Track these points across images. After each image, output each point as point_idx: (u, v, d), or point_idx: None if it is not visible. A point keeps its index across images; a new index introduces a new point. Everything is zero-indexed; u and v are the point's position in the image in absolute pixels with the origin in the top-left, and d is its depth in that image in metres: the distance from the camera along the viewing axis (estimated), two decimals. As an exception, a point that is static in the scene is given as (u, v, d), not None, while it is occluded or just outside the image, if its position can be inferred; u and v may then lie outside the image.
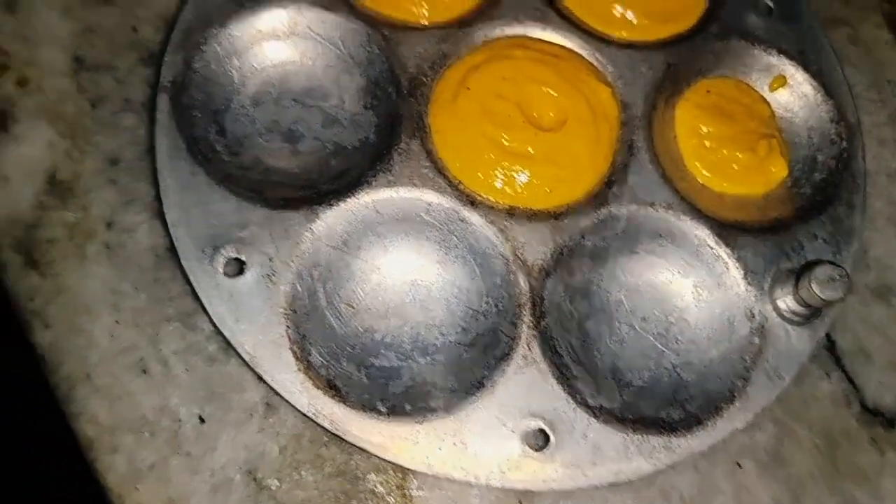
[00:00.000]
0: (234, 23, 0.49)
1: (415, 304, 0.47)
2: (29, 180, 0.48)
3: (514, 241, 0.47)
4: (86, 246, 0.47)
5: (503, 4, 0.52)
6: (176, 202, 0.45)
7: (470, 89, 0.48)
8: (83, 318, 0.46)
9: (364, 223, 0.47)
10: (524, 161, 0.48)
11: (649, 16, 0.52)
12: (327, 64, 0.51)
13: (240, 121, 0.49)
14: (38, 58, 0.51)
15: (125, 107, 0.50)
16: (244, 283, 0.44)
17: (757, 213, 0.51)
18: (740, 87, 0.53)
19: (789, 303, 0.47)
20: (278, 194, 0.47)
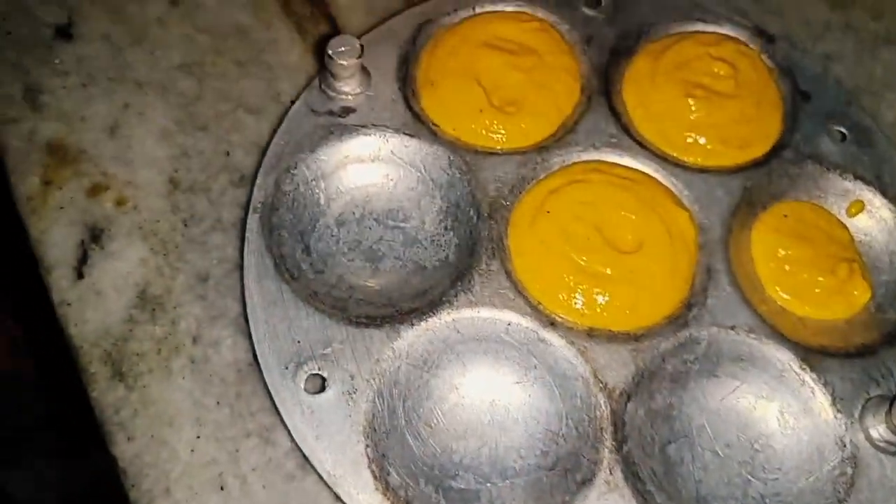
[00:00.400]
0: (322, 148, 0.51)
1: (493, 426, 0.47)
2: (121, 295, 0.50)
3: (593, 362, 0.46)
4: (172, 360, 0.48)
5: (578, 131, 0.53)
6: (262, 318, 0.47)
7: (549, 212, 0.50)
8: (166, 432, 0.47)
9: (444, 342, 0.47)
10: (603, 282, 0.48)
11: (723, 142, 0.53)
12: (409, 186, 0.53)
13: (324, 240, 0.51)
14: (136, 179, 0.53)
15: (216, 226, 0.52)
16: (325, 400, 0.45)
17: (841, 337, 0.50)
18: (817, 210, 0.53)
19: (882, 431, 0.45)
20: (361, 312, 0.48)
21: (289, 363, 0.46)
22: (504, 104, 0.53)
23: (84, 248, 0.51)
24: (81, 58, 0.58)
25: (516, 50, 0.55)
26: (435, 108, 0.53)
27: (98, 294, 0.50)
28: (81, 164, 0.54)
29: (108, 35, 0.59)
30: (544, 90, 0.54)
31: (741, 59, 0.56)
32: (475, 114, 0.53)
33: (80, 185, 0.53)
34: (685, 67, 0.55)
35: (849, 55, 0.60)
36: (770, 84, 0.56)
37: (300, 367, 0.45)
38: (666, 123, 0.54)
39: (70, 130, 0.55)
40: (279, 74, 0.57)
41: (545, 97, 0.54)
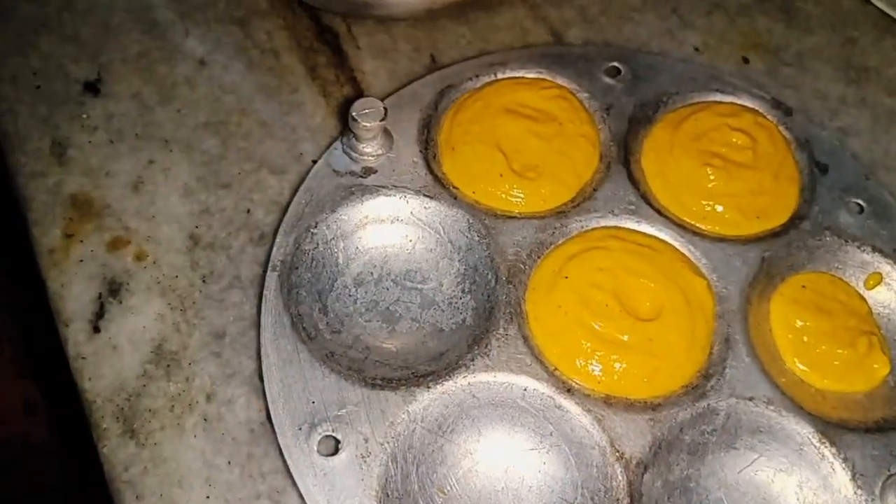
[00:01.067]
0: (343, 208, 0.52)
1: (507, 494, 0.46)
2: (137, 350, 0.50)
3: (610, 431, 0.46)
4: (185, 417, 0.48)
5: (597, 198, 0.54)
6: (277, 378, 0.46)
7: (567, 278, 0.50)
8: (175, 491, 0.46)
9: (459, 407, 0.47)
10: (621, 350, 0.48)
11: (741, 212, 0.54)
12: (428, 248, 0.53)
13: (342, 300, 0.51)
14: (157, 235, 0.54)
15: (234, 283, 0.52)
16: (338, 463, 0.44)
17: (861, 411, 0.49)
18: (836, 283, 0.53)
19: (905, 510, 0.44)
20: (377, 374, 0.48)
21: (302, 424, 0.45)
22: (524, 170, 0.54)
23: (102, 302, 0.51)
24: (110, 114, 0.59)
25: (537, 116, 0.56)
26: (455, 171, 0.54)
27: (114, 349, 0.50)
28: (104, 219, 0.54)
29: (137, 92, 0.60)
30: (564, 157, 0.54)
31: (759, 131, 0.56)
32: (495, 178, 0.53)
33: (102, 238, 0.54)
34: (703, 137, 0.56)
35: (865, 130, 0.61)
36: (788, 156, 0.56)
37: (314, 429, 0.45)
38: (684, 192, 0.54)
39: (95, 185, 0.56)
40: (302, 136, 0.58)
41: (565, 164, 0.54)
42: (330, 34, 0.63)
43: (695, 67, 0.61)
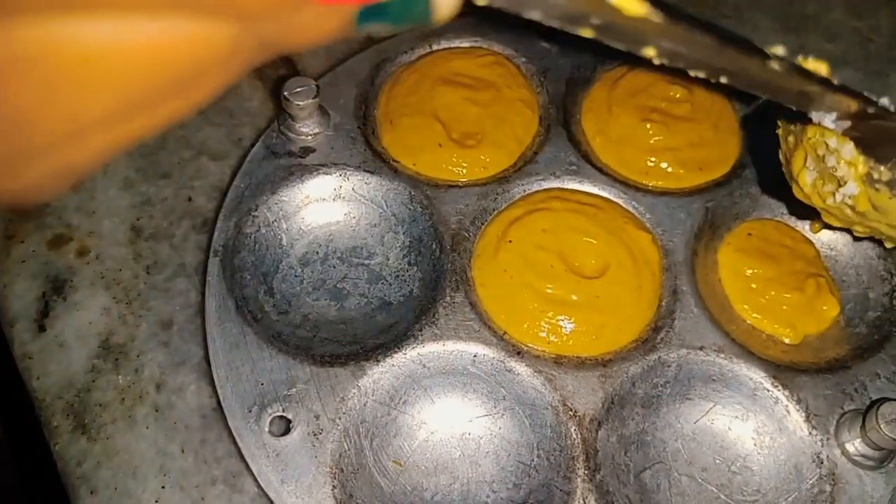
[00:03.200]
0: (283, 189, 0.51)
1: (464, 460, 0.46)
2: (84, 345, 0.49)
3: (562, 390, 0.46)
4: (135, 408, 0.48)
5: (538, 161, 0.53)
6: (224, 362, 0.46)
7: (511, 242, 0.49)
8: (130, 483, 0.46)
9: (411, 377, 0.47)
10: (568, 309, 0.48)
11: (683, 165, 0.54)
12: (372, 223, 0.53)
13: (288, 281, 0.51)
14: (98, 229, 0.53)
15: (179, 272, 0.52)
16: (290, 442, 0.44)
17: (812, 353, 0.49)
18: (781, 228, 0.53)
19: (858, 446, 0.44)
20: (326, 351, 0.47)
21: (252, 406, 0.45)
22: (463, 138, 0.53)
23: (46, 300, 0.51)
24: (44, 113, 0.58)
25: (473, 84, 0.55)
26: (395, 144, 0.54)
27: (60, 346, 0.49)
28: (44, 217, 0.54)
29: (71, 90, 0.59)
30: (503, 122, 0.54)
31: (696, 83, 0.56)
32: (435, 149, 0.53)
33: (42, 237, 0.53)
34: (641, 93, 0.56)
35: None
36: (726, 106, 0.56)
37: (264, 410, 0.45)
38: (625, 149, 0.54)
39: (32, 184, 0.55)
40: (241, 120, 0.58)
41: (504, 129, 0.54)
42: (264, 17, 0.63)
43: (632, 26, 0.61)
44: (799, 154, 0.43)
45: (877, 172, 0.40)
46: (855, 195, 0.41)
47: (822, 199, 0.42)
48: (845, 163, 0.40)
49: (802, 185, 0.43)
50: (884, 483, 0.44)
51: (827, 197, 0.42)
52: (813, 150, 0.42)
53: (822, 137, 0.41)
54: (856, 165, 0.40)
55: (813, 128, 0.41)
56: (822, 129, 0.40)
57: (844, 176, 0.41)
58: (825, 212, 0.43)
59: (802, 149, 0.43)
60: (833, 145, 0.41)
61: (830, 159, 0.41)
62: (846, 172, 0.41)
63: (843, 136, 0.40)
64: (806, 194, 0.44)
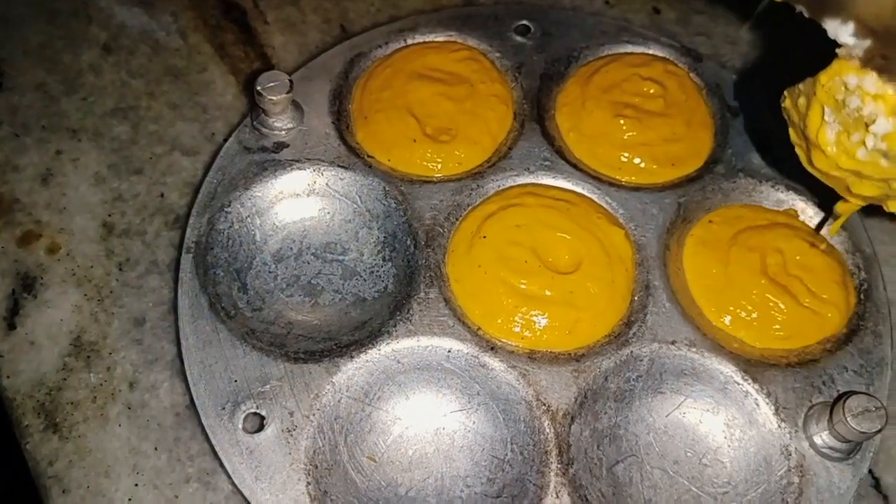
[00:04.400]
0: (256, 185, 0.51)
1: (438, 455, 0.46)
2: (55, 343, 0.49)
3: (536, 385, 0.46)
4: (108, 407, 0.47)
5: (513, 157, 0.54)
6: (197, 359, 0.46)
7: (485, 238, 0.49)
8: (103, 482, 0.45)
9: (385, 373, 0.47)
10: (542, 304, 0.48)
11: (656, 160, 0.54)
12: (346, 219, 0.52)
13: (262, 277, 0.51)
14: (69, 226, 0.53)
15: (151, 269, 0.51)
16: (264, 439, 0.44)
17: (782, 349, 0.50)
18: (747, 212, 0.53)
19: (826, 438, 0.45)
20: (300, 347, 0.47)
21: (225, 403, 0.45)
22: (438, 133, 0.53)
23: (16, 298, 0.50)
24: (14, 107, 0.57)
25: (448, 79, 0.55)
26: (369, 140, 0.54)
27: (31, 344, 0.49)
28: (14, 214, 0.53)
29: (41, 84, 0.58)
30: (477, 118, 0.54)
31: (670, 79, 0.56)
32: (409, 144, 0.53)
33: (12, 234, 0.52)
34: (615, 89, 0.56)
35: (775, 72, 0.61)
36: (699, 102, 0.56)
37: (237, 407, 0.45)
38: (598, 144, 0.54)
39: (2, 181, 0.54)
40: (214, 115, 0.57)
41: (478, 125, 0.54)
42: (237, 11, 0.62)
43: (606, 21, 0.62)
44: (815, 110, 0.39)
45: None
46: (889, 132, 0.36)
47: (851, 156, 0.38)
48: (871, 98, 0.36)
49: (824, 144, 0.39)
50: (850, 475, 0.45)
51: (856, 150, 0.38)
52: (830, 97, 0.38)
53: (840, 77, 0.37)
54: (884, 97, 0.36)
55: (826, 73, 0.38)
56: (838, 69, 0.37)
57: (873, 113, 0.36)
58: (856, 176, 0.39)
59: (818, 102, 0.39)
60: (853, 83, 0.37)
61: (853, 100, 0.37)
62: (874, 108, 0.36)
63: (863, 69, 0.36)
64: (831, 158, 0.39)
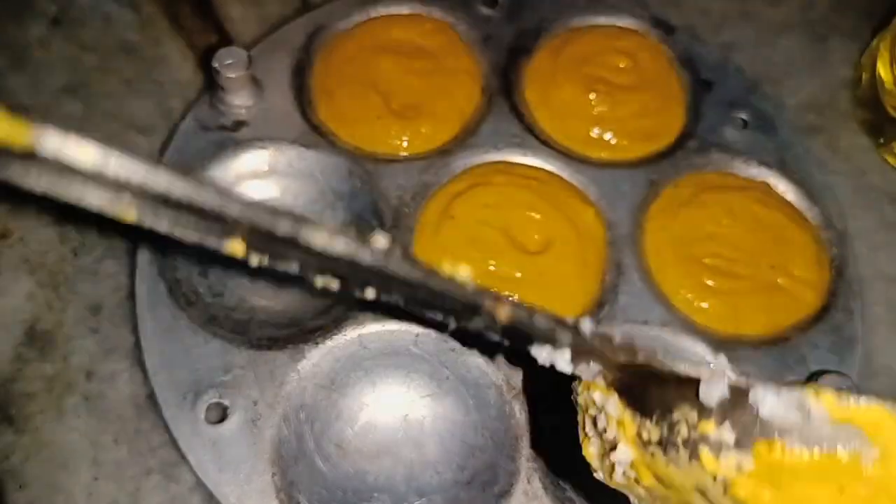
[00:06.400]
0: (215, 165, 0.49)
1: (407, 442, 0.45)
2: (7, 333, 0.47)
3: (506, 369, 0.45)
4: (65, 398, 0.46)
5: (481, 132, 0.52)
6: (156, 348, 0.44)
7: (454, 218, 0.48)
8: (61, 475, 0.44)
9: (351, 359, 0.45)
10: (512, 286, 0.47)
11: (628, 136, 0.53)
12: (309, 199, 0.51)
13: (222, 261, 0.49)
14: (20, 209, 0.51)
15: (108, 253, 0.49)
16: (227, 430, 0.43)
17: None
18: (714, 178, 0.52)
19: (798, 419, 0.45)
20: (263, 334, 0.46)
21: (187, 393, 0.43)
22: (403, 109, 0.52)
23: (-35, 287, 0.48)
24: (-43, 86, 0.55)
25: (413, 53, 0.54)
26: (332, 117, 0.52)
27: (-18, 334, 0.47)
28: (-38, 198, 0.51)
29: (-15, 60, 0.56)
30: (444, 93, 0.53)
31: (641, 52, 0.55)
32: (374, 121, 0.51)
33: (-40, 220, 0.50)
34: (586, 62, 0.54)
35: (748, 44, 0.60)
36: (671, 75, 0.55)
37: (199, 397, 0.43)
38: (569, 120, 0.53)
39: (-53, 163, 0.52)
40: (170, 91, 0.55)
41: (445, 100, 0.52)
42: (193, -19, 0.60)
43: (575, -9, 0.60)
44: (581, 418, 0.35)
45: (645, 431, 0.31)
46: (632, 462, 0.32)
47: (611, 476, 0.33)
48: (614, 422, 0.33)
49: (590, 459, 0.34)
50: (822, 453, 0.45)
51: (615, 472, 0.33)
52: (585, 411, 0.34)
53: (588, 392, 0.34)
54: (624, 424, 0.32)
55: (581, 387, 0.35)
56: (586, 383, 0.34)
57: (615, 438, 0.32)
58: None
59: (581, 411, 0.35)
60: (599, 401, 0.33)
61: (601, 419, 0.33)
62: (616, 434, 0.32)
63: (608, 388, 0.33)
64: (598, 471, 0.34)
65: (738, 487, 0.27)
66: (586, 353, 0.33)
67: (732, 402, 0.28)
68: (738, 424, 0.27)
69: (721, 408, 0.28)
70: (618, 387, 0.33)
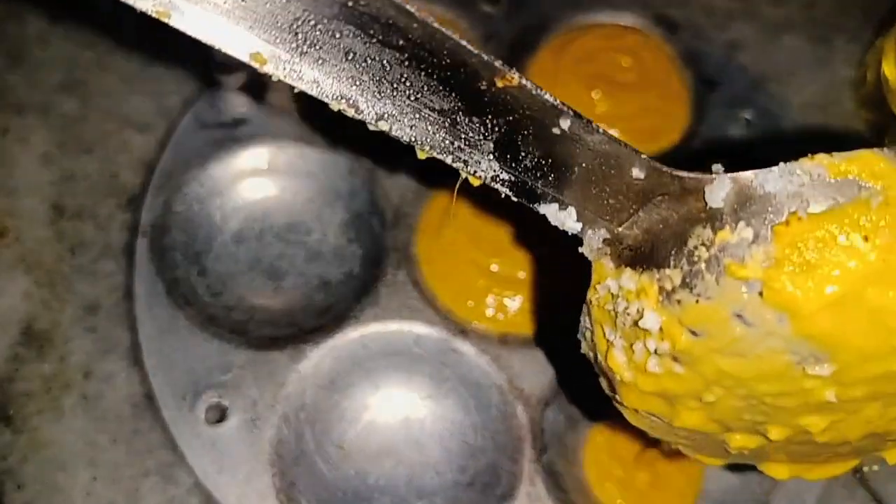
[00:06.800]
0: (214, 163, 0.49)
1: (408, 443, 0.45)
2: (4, 333, 0.47)
3: (508, 370, 0.45)
4: (62, 398, 0.45)
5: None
6: (155, 348, 0.44)
7: (456, 217, 0.48)
8: (59, 476, 0.43)
9: (352, 359, 0.45)
10: (515, 286, 0.47)
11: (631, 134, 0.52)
12: (309, 198, 0.50)
13: (222, 260, 0.49)
14: (16, 208, 0.50)
15: (105, 252, 0.49)
16: (227, 430, 0.43)
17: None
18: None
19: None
20: (263, 333, 0.46)
21: (186, 393, 0.43)
22: (405, 108, 0.51)
23: (-40, 286, 0.48)
24: (-46, 83, 0.54)
25: (415, 51, 0.53)
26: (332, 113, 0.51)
27: (-22, 334, 0.47)
28: (-42, 196, 0.50)
29: (-18, 57, 0.55)
30: (446, 90, 0.52)
31: (644, 50, 0.55)
32: (374, 119, 0.51)
33: (-44, 217, 0.50)
34: (589, 60, 0.54)
35: (752, 43, 0.60)
36: (674, 74, 0.55)
37: (198, 397, 0.43)
38: (572, 119, 0.53)
39: (-57, 161, 0.51)
40: (167, 88, 0.54)
41: (447, 98, 0.52)
42: (192, -22, 0.59)
43: (578, -12, 0.59)
44: (598, 335, 0.33)
45: (666, 280, 0.29)
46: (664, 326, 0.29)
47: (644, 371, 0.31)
48: (634, 294, 0.30)
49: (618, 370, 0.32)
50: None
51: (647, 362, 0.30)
52: (603, 312, 0.32)
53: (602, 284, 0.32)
54: (644, 288, 0.30)
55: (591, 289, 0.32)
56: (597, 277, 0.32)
57: (639, 309, 0.30)
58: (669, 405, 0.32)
59: (597, 324, 0.33)
60: (614, 288, 0.31)
61: (620, 303, 0.31)
62: (640, 304, 0.30)
63: (617, 269, 0.31)
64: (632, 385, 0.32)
65: (771, 286, 0.27)
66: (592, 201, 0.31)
67: (739, 198, 0.28)
68: (751, 217, 0.27)
69: (731, 210, 0.28)
70: (626, 259, 0.31)
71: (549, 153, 0.31)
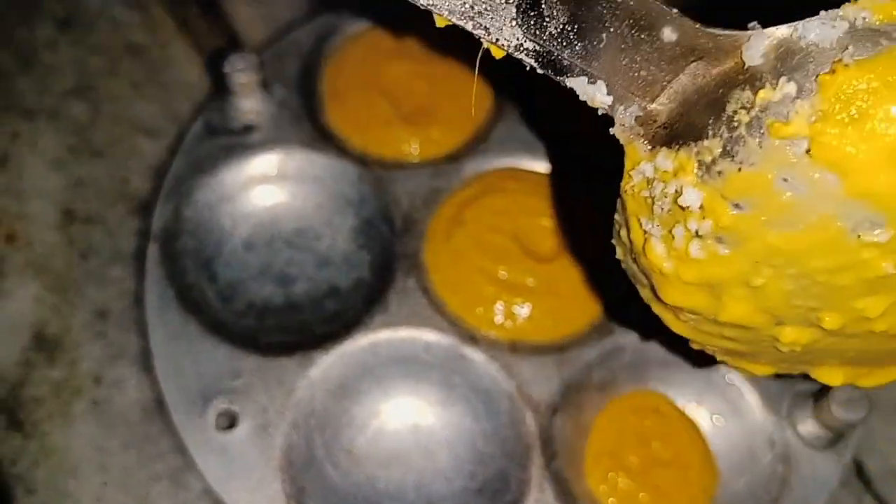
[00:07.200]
0: (224, 169, 0.49)
1: (418, 450, 0.45)
2: (14, 337, 0.47)
3: (518, 377, 0.45)
4: (73, 403, 0.45)
5: (492, 139, 0.52)
6: (165, 354, 0.44)
7: (465, 224, 0.48)
8: (69, 481, 0.44)
9: (361, 366, 0.45)
10: (524, 293, 0.47)
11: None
12: (318, 204, 0.51)
13: (232, 266, 0.49)
14: (27, 212, 0.50)
15: (115, 258, 0.49)
16: (237, 436, 0.43)
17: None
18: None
19: (810, 427, 0.44)
20: (272, 340, 0.46)
21: (197, 399, 0.43)
22: (413, 114, 0.52)
23: (-29, 290, 0.48)
24: (-35, 88, 0.54)
25: (424, 58, 0.53)
26: (341, 121, 0.51)
27: (-10, 338, 0.47)
28: (-32, 201, 0.50)
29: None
30: (455, 98, 0.52)
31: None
32: (383, 125, 0.51)
33: (-34, 223, 0.50)
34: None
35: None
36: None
37: (209, 403, 0.43)
38: (581, 126, 0.53)
39: (-46, 165, 0.51)
40: (177, 94, 0.55)
41: (456, 105, 0.52)
42: (201, -17, 0.59)
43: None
44: (634, 229, 0.31)
45: (705, 152, 0.27)
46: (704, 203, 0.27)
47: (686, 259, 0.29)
48: (671, 175, 0.28)
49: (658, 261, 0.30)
50: (834, 463, 0.45)
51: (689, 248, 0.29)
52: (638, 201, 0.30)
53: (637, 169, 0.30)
54: (682, 167, 0.28)
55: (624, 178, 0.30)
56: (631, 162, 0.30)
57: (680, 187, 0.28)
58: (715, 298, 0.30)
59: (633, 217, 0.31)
60: (649, 172, 0.29)
61: (657, 186, 0.29)
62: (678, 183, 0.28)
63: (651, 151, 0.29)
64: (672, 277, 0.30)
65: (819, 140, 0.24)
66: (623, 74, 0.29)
67: (779, 53, 0.26)
68: (793, 72, 0.25)
69: (771, 67, 0.26)
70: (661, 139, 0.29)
71: (574, 18, 0.28)
